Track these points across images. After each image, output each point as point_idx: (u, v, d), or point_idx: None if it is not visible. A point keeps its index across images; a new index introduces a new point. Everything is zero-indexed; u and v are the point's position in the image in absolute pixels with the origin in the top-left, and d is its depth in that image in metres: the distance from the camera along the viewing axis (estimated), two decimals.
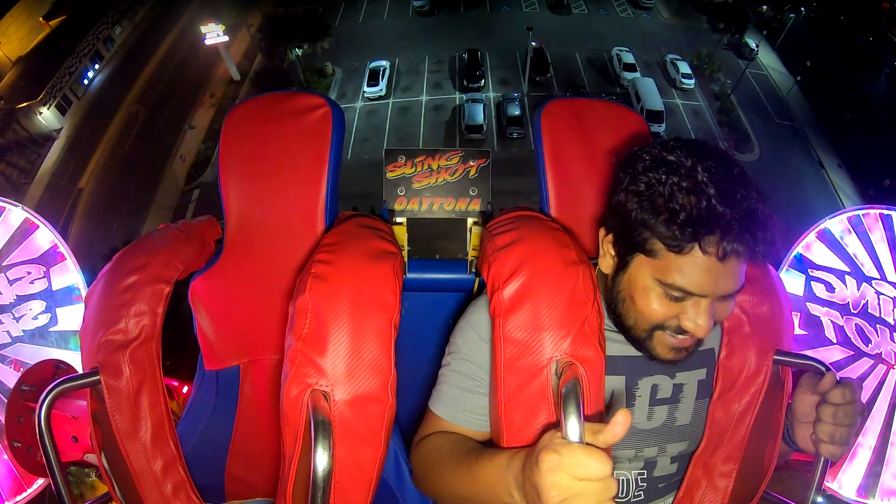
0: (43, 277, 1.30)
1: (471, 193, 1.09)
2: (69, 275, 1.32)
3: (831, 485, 1.24)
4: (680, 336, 0.75)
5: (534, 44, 18.21)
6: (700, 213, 0.66)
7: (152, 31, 23.74)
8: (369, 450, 0.75)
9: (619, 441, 0.57)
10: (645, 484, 0.88)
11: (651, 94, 16.52)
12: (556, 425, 0.61)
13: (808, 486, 0.84)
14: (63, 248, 1.31)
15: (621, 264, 0.78)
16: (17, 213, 1.28)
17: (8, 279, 1.27)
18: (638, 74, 17.71)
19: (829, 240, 1.26)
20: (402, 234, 1.07)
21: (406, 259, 1.08)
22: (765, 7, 22.10)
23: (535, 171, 1.06)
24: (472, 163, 1.09)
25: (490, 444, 0.82)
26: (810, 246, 1.28)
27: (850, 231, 1.23)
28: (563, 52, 19.24)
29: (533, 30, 18.82)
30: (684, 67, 19.10)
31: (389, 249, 0.85)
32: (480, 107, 16.89)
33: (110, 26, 22.87)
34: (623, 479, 0.88)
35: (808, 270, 1.28)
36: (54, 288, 1.31)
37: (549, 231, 0.85)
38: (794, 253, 1.30)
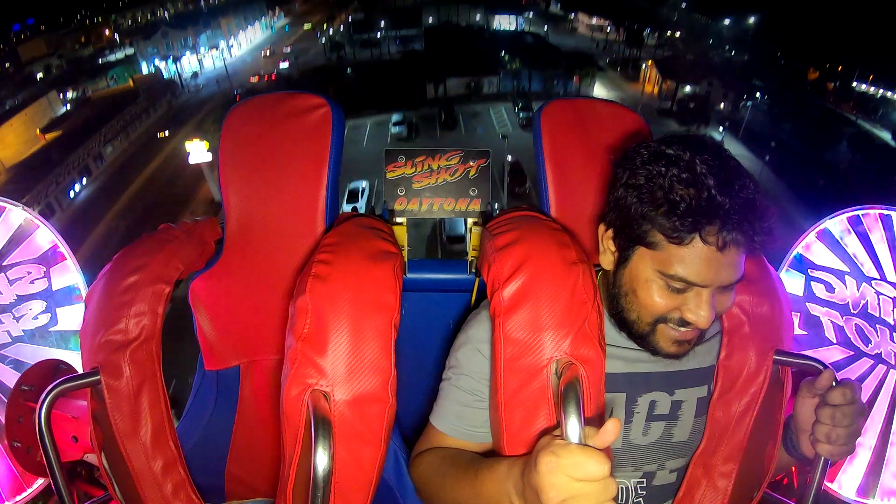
0: (43, 277, 1.30)
1: (471, 193, 1.09)
2: (69, 275, 1.32)
3: (831, 485, 1.24)
4: (682, 329, 0.76)
5: (510, 158, 18.91)
6: (700, 204, 0.67)
7: (143, 152, 24.83)
8: (369, 450, 0.75)
9: (614, 440, 0.57)
10: (644, 492, 0.88)
11: None
12: (556, 426, 0.61)
13: (808, 486, 0.84)
14: (63, 248, 1.31)
15: (622, 259, 0.79)
16: (17, 213, 1.28)
17: (8, 279, 1.27)
18: None
19: (828, 240, 1.26)
20: (402, 234, 1.07)
21: (406, 259, 1.09)
22: (721, 105, 25.16)
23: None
24: (472, 163, 1.09)
25: (491, 455, 0.82)
26: (810, 246, 1.28)
27: (849, 231, 1.23)
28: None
29: (507, 138, 20.09)
30: None
31: (389, 250, 0.85)
32: (461, 219, 16.94)
33: (102, 144, 23.99)
34: (622, 487, 0.87)
35: (808, 270, 1.28)
36: (54, 288, 1.31)
37: (549, 231, 0.85)
38: (794, 253, 1.30)
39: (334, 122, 1.03)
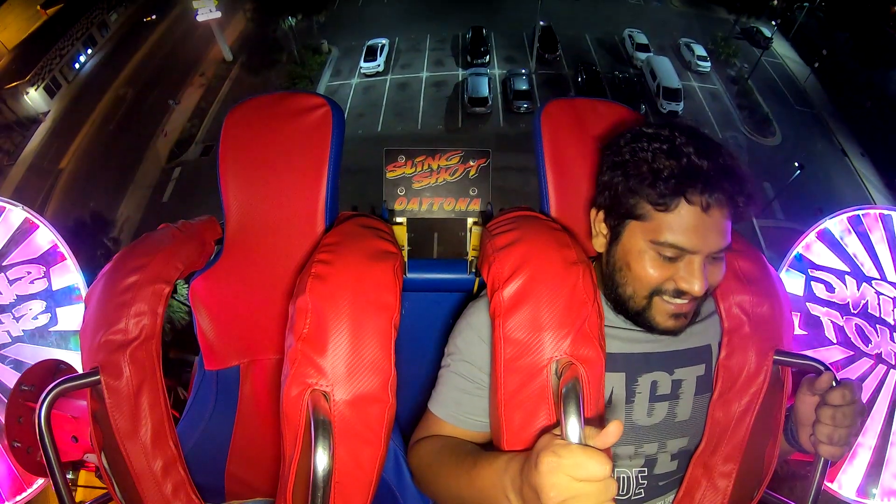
0: (43, 277, 1.30)
1: (471, 193, 1.09)
2: (69, 275, 1.32)
3: (831, 485, 1.24)
4: (677, 300, 0.78)
5: (542, 23, 17.72)
6: (682, 168, 0.73)
7: (149, 16, 23.23)
8: (369, 450, 0.75)
9: (615, 442, 0.57)
10: (645, 482, 0.88)
11: (667, 71, 16.00)
12: (556, 425, 0.61)
13: (808, 486, 0.84)
14: (63, 248, 1.32)
15: (614, 236, 0.82)
16: (17, 213, 1.28)
17: (8, 279, 1.27)
18: (652, 55, 17.27)
19: (829, 240, 1.26)
20: (402, 234, 1.07)
21: (406, 259, 1.08)
22: (776, 1, 22.24)
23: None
24: (472, 163, 1.09)
25: (489, 446, 0.82)
26: (810, 246, 1.28)
27: (849, 231, 1.23)
28: (571, 33, 18.70)
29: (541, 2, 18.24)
30: (700, 50, 18.60)
31: (389, 249, 0.85)
32: (485, 80, 16.08)
33: (106, 11, 22.63)
34: (624, 477, 0.88)
35: (808, 270, 1.28)
36: (54, 288, 1.31)
37: (549, 231, 0.85)
38: (794, 253, 1.30)
39: (334, 121, 1.03)
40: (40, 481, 1.26)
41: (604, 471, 0.54)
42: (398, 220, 1.08)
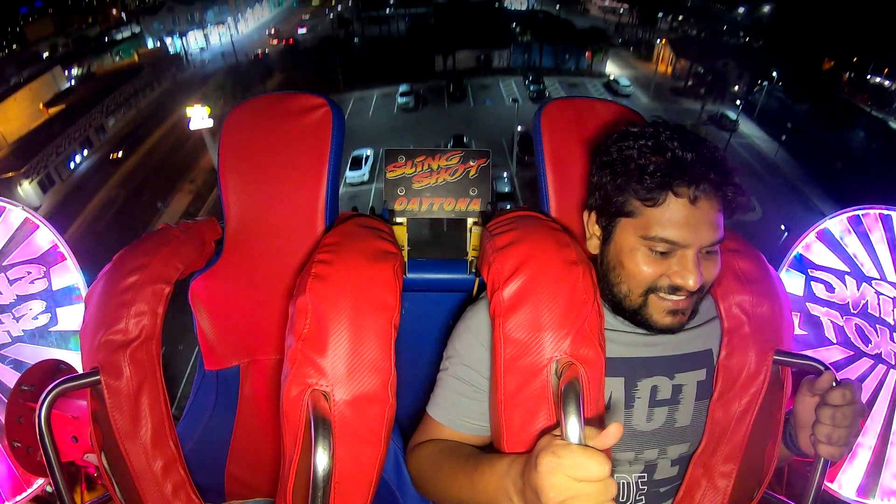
0: (43, 277, 1.30)
1: (471, 193, 1.09)
2: (69, 275, 1.32)
3: (831, 485, 1.24)
4: (673, 297, 0.78)
5: (520, 128, 18.64)
6: (667, 163, 0.74)
7: (145, 124, 24.66)
8: (369, 450, 0.75)
9: (614, 443, 0.57)
10: (646, 488, 0.88)
11: None
12: (556, 426, 0.61)
13: (808, 486, 0.84)
14: (63, 248, 1.31)
15: (606, 236, 0.83)
16: (17, 213, 1.28)
17: (8, 279, 1.26)
18: None
19: (828, 240, 1.26)
20: (402, 234, 1.07)
21: (406, 259, 1.08)
22: (736, 87, 24.74)
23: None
24: (472, 163, 1.09)
25: (489, 449, 0.82)
26: (810, 246, 1.28)
27: (849, 231, 1.23)
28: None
29: (518, 102, 19.94)
30: None
31: (389, 249, 0.85)
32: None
33: (104, 116, 23.77)
34: (623, 483, 0.87)
35: (808, 270, 1.28)
36: (54, 288, 1.31)
37: (549, 231, 0.85)
38: (794, 253, 1.30)
39: (334, 122, 1.03)
40: (40, 481, 1.26)
41: (603, 471, 0.54)
42: (398, 220, 1.08)
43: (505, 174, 17.55)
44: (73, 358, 1.24)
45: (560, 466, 0.55)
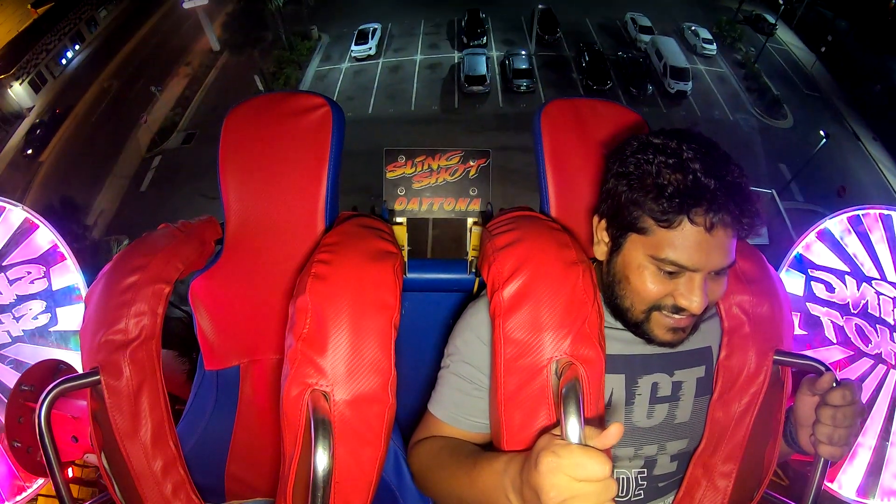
0: (43, 277, 1.30)
1: (471, 193, 1.09)
2: (69, 275, 1.32)
3: (831, 485, 1.24)
4: (676, 315, 0.76)
5: (541, 5, 17.31)
6: (687, 186, 0.70)
7: (138, 13, 23.27)
8: (369, 450, 0.75)
9: (615, 443, 0.57)
10: (645, 483, 0.88)
11: (674, 51, 15.69)
12: (556, 426, 0.61)
13: (808, 486, 0.84)
14: (63, 248, 1.31)
15: (615, 247, 0.80)
16: (17, 213, 1.28)
17: (8, 279, 1.27)
18: (656, 35, 16.96)
19: (829, 240, 1.26)
20: (402, 234, 1.07)
21: (406, 259, 1.08)
22: None
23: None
24: (472, 163, 1.09)
25: (489, 447, 0.82)
26: (810, 246, 1.28)
27: (849, 231, 1.23)
28: (571, 17, 18.21)
29: None
30: (704, 33, 18.38)
31: (389, 249, 0.85)
32: (483, 58, 15.49)
33: (94, 8, 22.51)
34: (623, 478, 0.88)
35: (808, 270, 1.28)
36: (54, 288, 1.31)
37: (549, 231, 0.85)
38: (794, 253, 1.30)
39: (334, 121, 1.03)
40: (40, 481, 1.26)
41: (604, 471, 0.54)
42: (398, 220, 1.08)
43: (523, 52, 16.47)
44: (73, 358, 1.24)
45: (560, 466, 0.55)
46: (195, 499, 0.87)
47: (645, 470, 0.88)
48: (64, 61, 20.28)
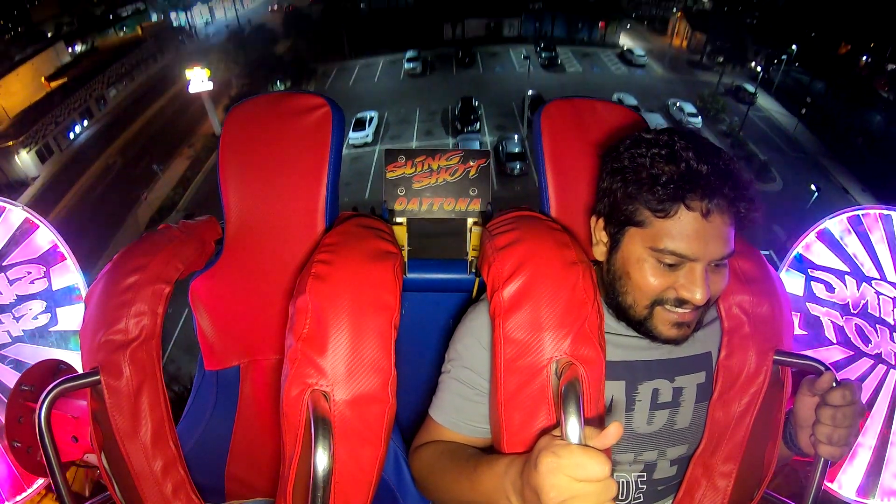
0: (43, 277, 1.30)
1: (471, 193, 1.09)
2: (69, 275, 1.32)
3: (831, 485, 1.24)
4: (679, 310, 0.76)
5: (531, 92, 18.50)
6: (681, 174, 0.71)
7: (146, 95, 24.82)
8: (369, 450, 0.75)
9: (614, 443, 0.57)
10: (644, 486, 0.88)
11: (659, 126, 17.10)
12: (556, 426, 0.61)
13: (808, 486, 0.84)
14: (63, 248, 1.31)
15: (614, 244, 0.80)
16: (17, 213, 1.28)
17: (8, 279, 1.26)
18: (642, 112, 17.82)
19: (828, 240, 1.26)
20: (402, 234, 1.07)
21: (406, 259, 1.08)
22: (753, 63, 24.50)
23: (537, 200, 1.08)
24: (472, 163, 1.09)
25: (490, 451, 0.82)
26: (810, 246, 1.28)
27: (849, 231, 1.23)
28: None
29: (530, 61, 19.86)
30: (689, 107, 19.52)
31: (389, 249, 0.85)
32: (476, 143, 16.35)
33: (105, 86, 23.83)
34: (623, 482, 0.88)
35: (808, 270, 1.28)
36: (54, 288, 1.31)
37: (549, 231, 0.85)
38: (794, 253, 1.30)
39: (334, 121, 1.03)
40: (40, 481, 1.26)
41: (603, 471, 0.54)
42: (398, 220, 1.08)
43: (515, 136, 17.35)
44: (73, 358, 1.24)
45: (560, 467, 0.55)
46: (195, 499, 0.87)
47: (644, 474, 0.88)
48: (72, 135, 21.22)
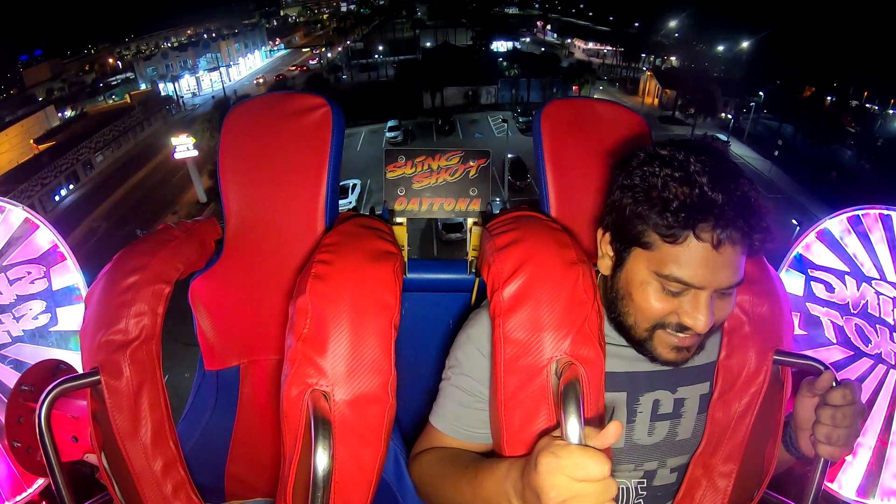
0: (43, 277, 1.30)
1: (471, 193, 1.09)
2: (69, 275, 1.32)
3: (831, 485, 1.24)
4: (680, 334, 0.75)
5: (510, 155, 18.92)
6: (693, 201, 0.67)
7: (132, 161, 25.22)
8: (369, 450, 0.75)
9: (614, 442, 0.57)
10: (645, 492, 0.88)
11: None
12: (556, 426, 0.61)
13: (808, 486, 0.84)
14: (63, 248, 1.31)
15: (619, 261, 0.78)
16: (17, 213, 1.28)
17: (8, 279, 1.26)
18: None
19: (828, 240, 1.26)
20: (402, 234, 1.07)
21: (406, 259, 1.08)
22: (723, 115, 26.11)
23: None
24: (472, 163, 1.09)
25: (491, 456, 0.82)
26: (810, 246, 1.28)
27: (849, 231, 1.23)
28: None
29: (507, 122, 21.18)
30: None
31: (390, 250, 0.85)
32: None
33: (92, 151, 24.22)
34: (623, 488, 0.87)
35: (808, 270, 1.28)
36: (54, 288, 1.31)
37: (549, 231, 0.85)
38: (794, 253, 1.30)
39: (334, 122, 1.03)
40: (40, 481, 1.26)
41: (603, 471, 0.54)
42: (398, 220, 1.08)
43: (497, 199, 17.88)
44: (73, 358, 1.24)
45: (560, 467, 0.55)
46: (195, 499, 0.87)
47: (644, 480, 0.88)
48: (57, 197, 21.56)
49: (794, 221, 13.68)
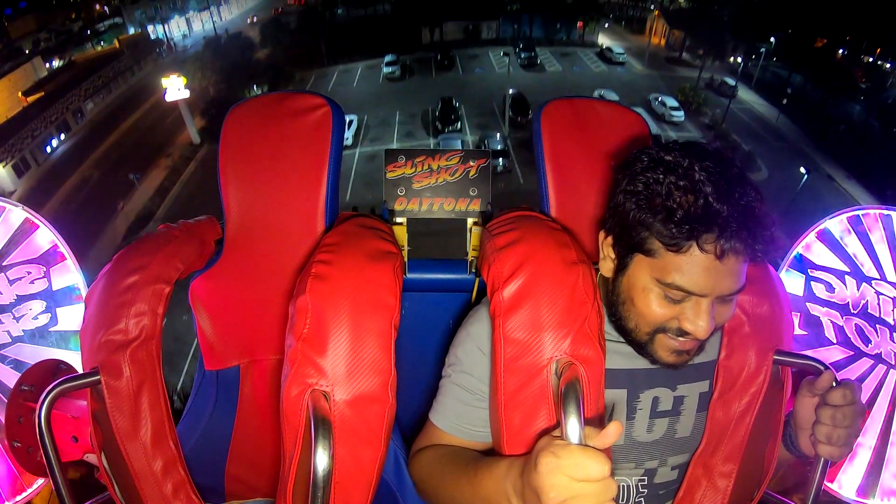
0: (43, 277, 1.30)
1: (471, 193, 1.09)
2: (69, 275, 1.32)
3: (831, 485, 1.24)
4: (681, 339, 0.75)
5: (511, 90, 18.60)
6: (697, 211, 0.66)
7: (123, 107, 24.76)
8: (369, 450, 0.75)
9: (614, 442, 0.57)
10: (646, 490, 0.88)
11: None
12: (556, 426, 0.61)
13: (808, 486, 0.84)
14: (63, 248, 1.31)
15: (621, 266, 0.78)
16: (17, 213, 1.28)
17: (8, 279, 1.26)
18: None
19: (828, 240, 1.26)
20: (402, 234, 1.07)
21: (406, 259, 1.08)
22: (732, 58, 25.02)
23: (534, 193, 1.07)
24: (472, 163, 1.09)
25: (491, 454, 0.82)
26: (810, 246, 1.28)
27: (849, 231, 1.23)
28: (542, 99, 20.99)
29: (510, 59, 20.42)
30: (671, 101, 19.81)
31: (390, 250, 0.85)
32: (458, 142, 16.37)
33: (81, 99, 23.69)
34: (623, 486, 0.87)
35: (808, 270, 1.28)
36: (54, 288, 1.31)
37: (549, 231, 0.85)
38: (794, 253, 1.30)
39: (334, 121, 1.03)
40: (40, 481, 1.26)
41: (603, 471, 0.54)
42: (398, 220, 1.08)
43: (497, 134, 17.46)
44: (73, 358, 1.24)
45: (560, 467, 0.55)
46: (195, 499, 0.87)
47: (645, 478, 0.88)
48: (49, 149, 21.15)
49: (801, 170, 13.22)
